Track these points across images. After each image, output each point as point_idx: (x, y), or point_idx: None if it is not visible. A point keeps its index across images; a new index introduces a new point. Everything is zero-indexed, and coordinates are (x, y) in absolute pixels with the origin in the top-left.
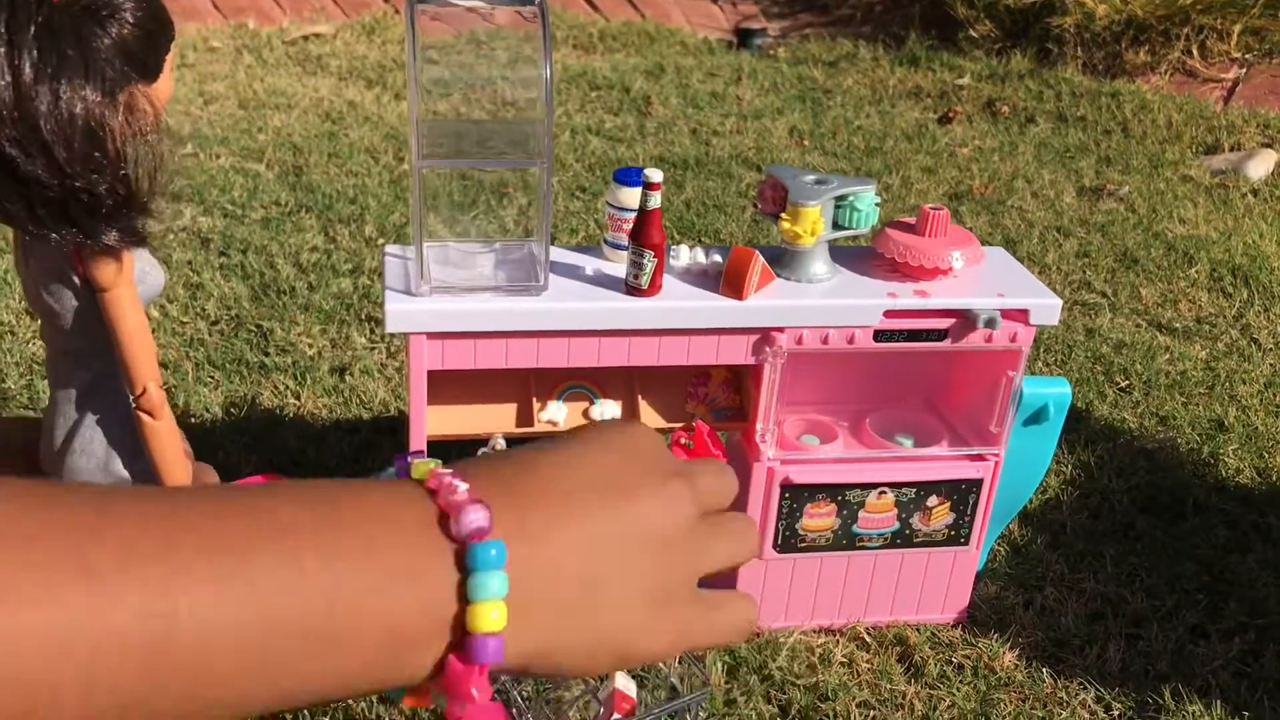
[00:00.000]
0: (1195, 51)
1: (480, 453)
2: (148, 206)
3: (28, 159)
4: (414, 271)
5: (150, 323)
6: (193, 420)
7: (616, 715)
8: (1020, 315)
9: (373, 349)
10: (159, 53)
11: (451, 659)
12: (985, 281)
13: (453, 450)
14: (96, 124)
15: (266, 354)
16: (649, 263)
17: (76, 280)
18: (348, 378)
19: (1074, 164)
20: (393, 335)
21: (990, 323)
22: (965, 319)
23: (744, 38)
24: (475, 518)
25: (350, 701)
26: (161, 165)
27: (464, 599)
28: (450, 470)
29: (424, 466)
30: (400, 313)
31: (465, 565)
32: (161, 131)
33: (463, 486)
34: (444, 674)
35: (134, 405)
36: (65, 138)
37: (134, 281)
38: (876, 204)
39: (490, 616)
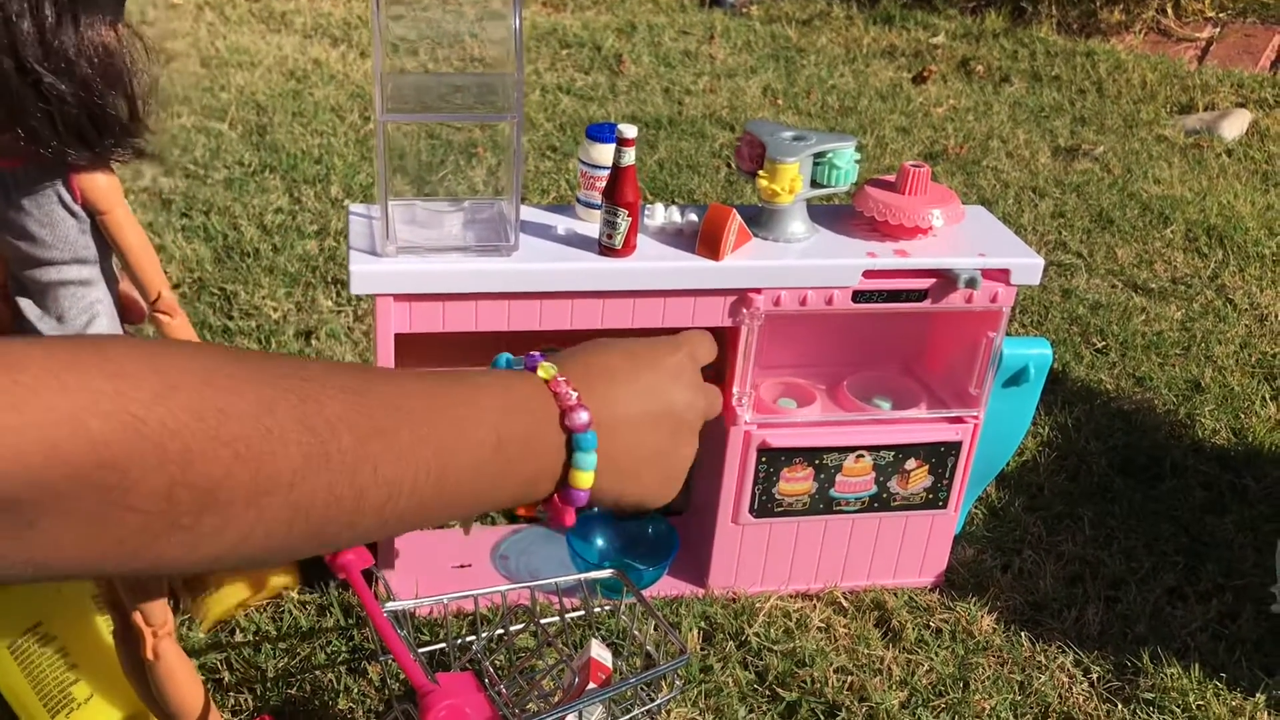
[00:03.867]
0: (1169, 10)
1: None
2: (149, 124)
3: (56, 77)
4: (379, 231)
5: None
6: None
7: (591, 684)
8: (1001, 275)
9: (339, 312)
10: None
11: (555, 498)
12: (966, 241)
13: None
14: (111, 47)
15: (230, 317)
16: (623, 222)
17: (76, 206)
18: (314, 341)
19: (1049, 124)
20: (359, 298)
21: (971, 283)
22: (945, 279)
23: None
24: (582, 418)
25: (316, 671)
26: (156, 85)
27: (568, 465)
28: (564, 377)
29: (548, 371)
30: (366, 274)
31: (572, 445)
32: (153, 54)
33: (574, 394)
34: (549, 506)
35: (150, 311)
36: (89, 58)
37: (125, 202)
38: (856, 161)
39: (584, 478)
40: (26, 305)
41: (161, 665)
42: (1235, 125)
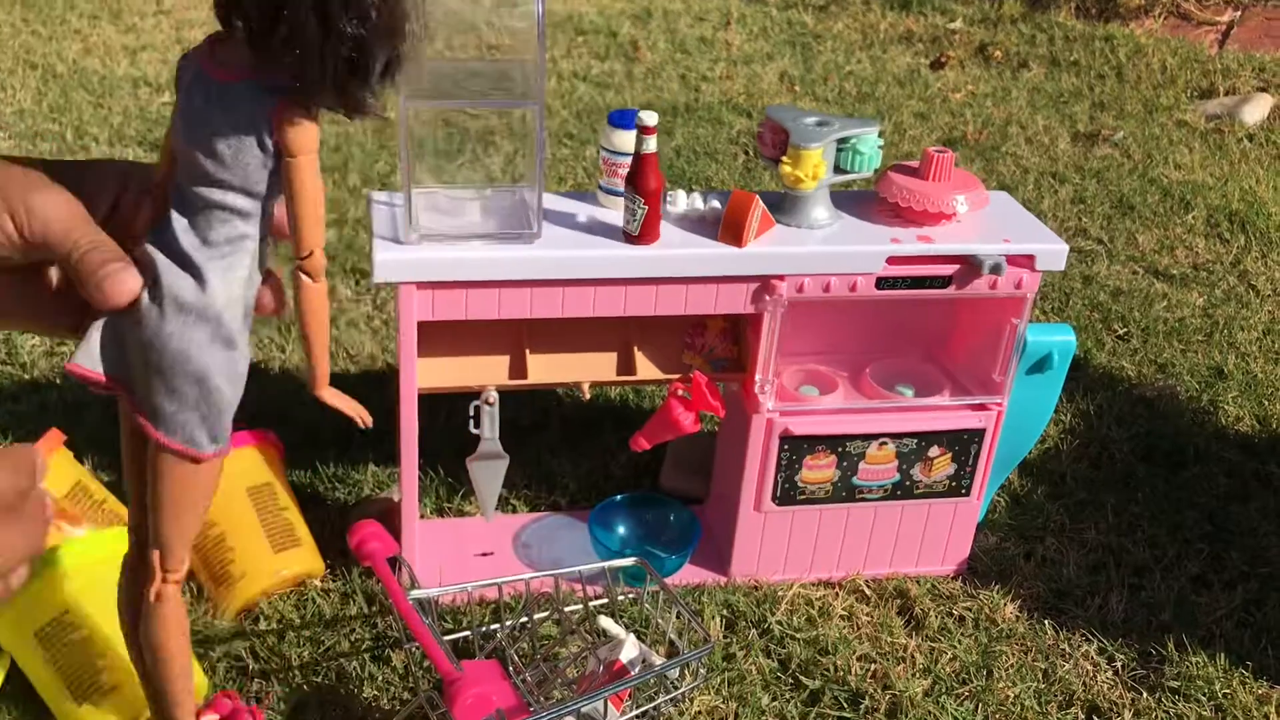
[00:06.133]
0: None
1: (473, 405)
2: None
3: (348, 20)
4: (402, 219)
5: None
6: None
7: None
8: (1026, 261)
9: (358, 301)
10: None
11: None
12: (990, 226)
13: (443, 404)
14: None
15: None
16: (640, 209)
17: (269, 141)
18: (333, 330)
19: (1068, 109)
20: (380, 286)
21: (995, 269)
22: (970, 265)
23: None
24: None
25: (343, 662)
26: (418, 43)
27: None
28: None
29: None
30: (389, 262)
31: None
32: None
33: None
34: None
35: (296, 268)
36: (378, 6)
37: (316, 150)
38: (879, 146)
39: None
40: (176, 216)
41: (160, 610)
42: (1257, 110)
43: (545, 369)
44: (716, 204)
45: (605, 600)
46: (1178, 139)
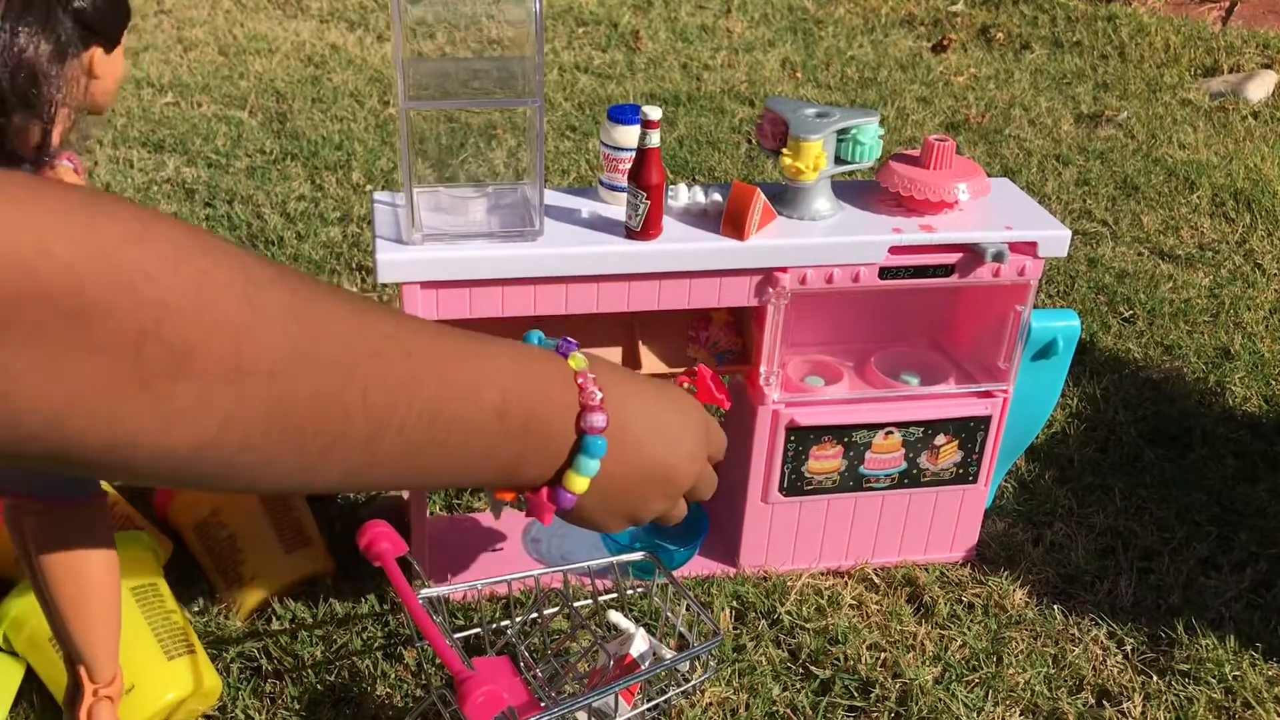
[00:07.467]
0: None
1: None
2: (44, 160)
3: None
4: (404, 219)
5: None
6: None
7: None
8: (1028, 248)
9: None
10: (116, 28)
11: (543, 491)
12: (992, 214)
13: None
14: (41, 71)
15: None
16: (642, 204)
17: None
18: None
19: (1071, 90)
20: (385, 285)
21: (998, 256)
22: (972, 253)
23: None
24: (598, 421)
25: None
26: (73, 130)
27: (567, 464)
28: (594, 375)
29: (580, 362)
30: (392, 262)
31: (579, 446)
32: (90, 104)
33: (599, 394)
34: (533, 498)
35: None
36: (10, 70)
37: None
38: (880, 136)
39: (580, 483)
40: None
41: None
42: (1261, 86)
43: None
44: (718, 197)
45: (614, 594)
46: (1182, 118)
